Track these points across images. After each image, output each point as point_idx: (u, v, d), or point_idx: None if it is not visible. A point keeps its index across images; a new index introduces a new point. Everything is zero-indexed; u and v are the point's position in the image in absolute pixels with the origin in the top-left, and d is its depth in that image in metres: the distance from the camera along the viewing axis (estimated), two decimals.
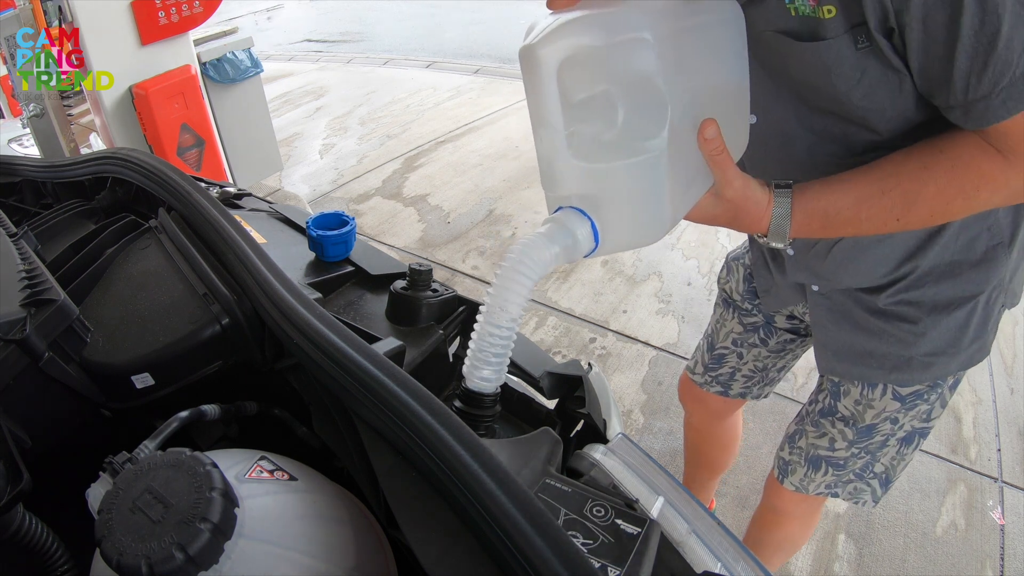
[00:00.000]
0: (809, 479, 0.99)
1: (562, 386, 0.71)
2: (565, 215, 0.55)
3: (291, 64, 5.37)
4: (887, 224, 0.63)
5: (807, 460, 0.99)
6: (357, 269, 0.86)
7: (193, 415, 0.57)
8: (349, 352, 0.51)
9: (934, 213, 0.62)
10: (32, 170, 1.02)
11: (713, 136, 0.56)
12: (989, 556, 1.50)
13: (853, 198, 0.62)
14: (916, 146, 0.61)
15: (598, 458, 0.60)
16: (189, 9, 2.08)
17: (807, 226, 0.64)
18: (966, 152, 0.58)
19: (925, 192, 0.60)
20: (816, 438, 0.96)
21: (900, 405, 0.86)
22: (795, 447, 1.00)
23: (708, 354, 1.15)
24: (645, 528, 0.45)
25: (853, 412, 0.90)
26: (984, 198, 0.60)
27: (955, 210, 0.62)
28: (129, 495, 0.39)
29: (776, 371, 1.13)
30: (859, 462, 0.95)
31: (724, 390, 1.17)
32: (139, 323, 0.66)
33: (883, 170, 0.61)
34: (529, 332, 2.19)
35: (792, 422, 1.03)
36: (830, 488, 1.00)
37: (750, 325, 1.07)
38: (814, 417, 0.96)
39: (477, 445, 0.43)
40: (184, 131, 2.19)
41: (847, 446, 0.93)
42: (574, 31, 0.51)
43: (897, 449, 0.92)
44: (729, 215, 0.63)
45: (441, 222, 2.83)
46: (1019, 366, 2.06)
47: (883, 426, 0.89)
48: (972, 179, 0.58)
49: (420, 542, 0.41)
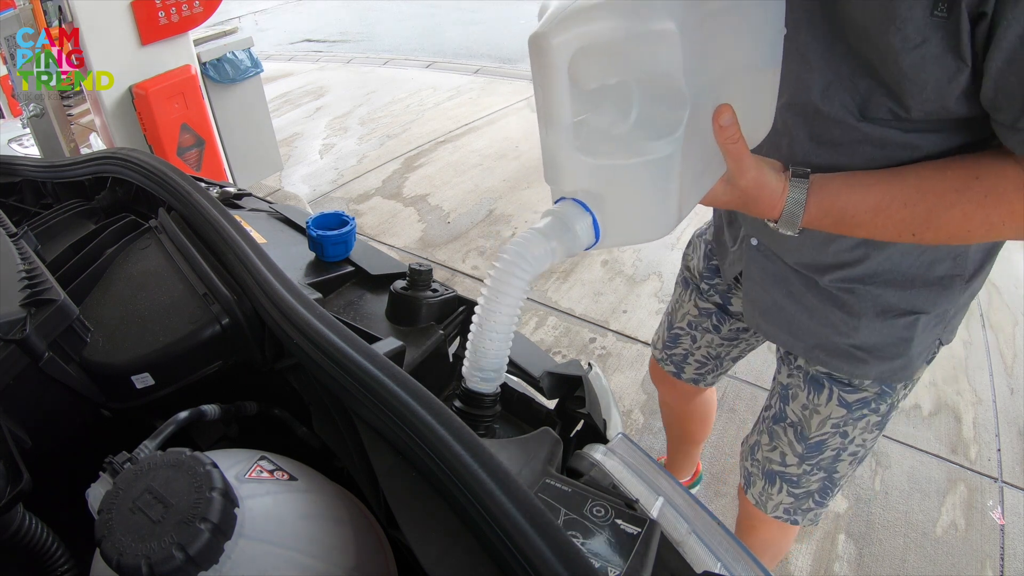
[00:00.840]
0: (767, 495, 0.98)
1: (562, 386, 0.71)
2: (564, 208, 0.52)
3: (291, 64, 5.37)
4: (901, 235, 0.61)
5: (764, 474, 0.97)
6: (357, 269, 0.86)
7: (193, 415, 0.57)
8: (349, 352, 0.51)
9: (952, 235, 0.60)
10: (32, 170, 1.02)
11: (728, 123, 0.53)
12: (989, 556, 1.50)
13: (873, 204, 0.60)
14: (950, 166, 0.58)
15: (598, 458, 0.60)
16: (189, 9, 2.08)
17: (819, 220, 0.62)
18: (1002, 185, 0.55)
19: (950, 215, 0.57)
20: (769, 451, 0.95)
21: (847, 412, 0.85)
22: (754, 459, 0.99)
23: (667, 332, 1.16)
24: (645, 528, 0.45)
25: (800, 417, 0.89)
26: (1005, 232, 0.58)
27: (973, 237, 0.60)
28: (129, 495, 0.39)
29: (730, 360, 1.13)
30: (814, 482, 0.92)
31: (677, 371, 1.17)
32: (139, 323, 0.66)
33: (909, 183, 0.59)
34: (529, 332, 2.19)
35: (752, 430, 1.02)
36: (789, 514, 0.97)
37: (704, 310, 1.06)
38: (768, 424, 0.95)
39: (477, 445, 0.43)
40: (184, 131, 2.19)
41: (798, 462, 0.91)
42: (591, 18, 0.46)
43: (849, 464, 0.90)
44: (740, 202, 0.61)
45: (441, 222, 2.83)
46: (1019, 366, 2.06)
47: (832, 440, 0.87)
48: (1002, 213, 0.56)
49: (420, 542, 0.41)
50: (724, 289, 1.02)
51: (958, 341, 2.15)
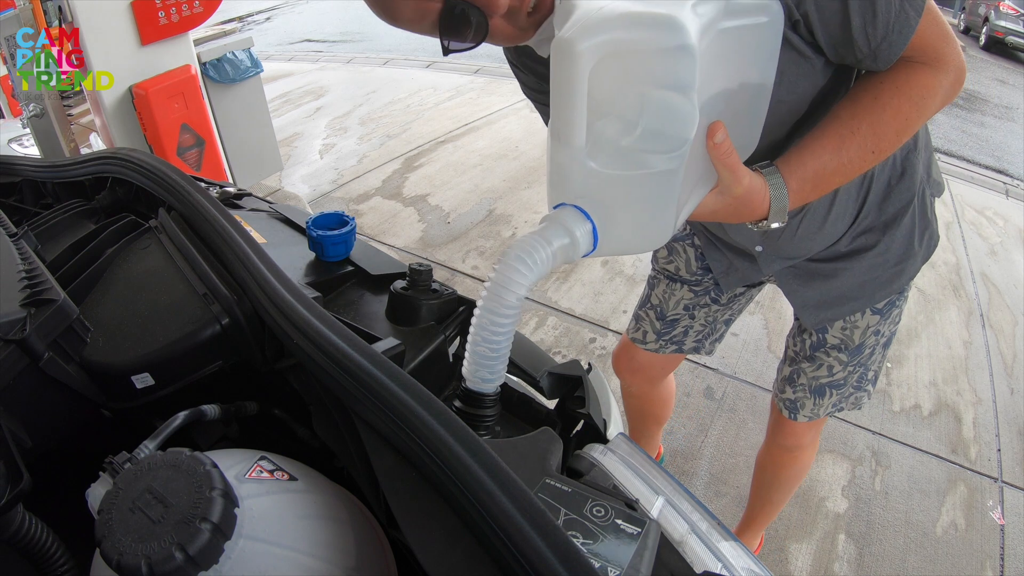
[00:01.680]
0: (818, 406, 1.08)
1: (562, 386, 0.71)
2: (564, 214, 0.53)
3: (291, 64, 5.37)
4: (865, 159, 0.68)
5: (812, 392, 1.06)
6: (357, 269, 0.86)
7: (193, 415, 0.57)
8: (349, 352, 0.51)
9: (899, 131, 0.68)
10: (32, 170, 1.02)
11: (722, 140, 0.56)
12: (989, 556, 1.51)
13: (832, 149, 0.66)
14: (856, 87, 0.68)
15: (598, 458, 0.60)
16: (189, 9, 2.08)
17: (803, 193, 0.67)
18: (901, 74, 0.66)
19: (885, 117, 0.66)
20: (815, 371, 1.04)
21: (880, 318, 0.96)
22: (797, 385, 1.08)
23: (660, 323, 1.20)
24: (645, 528, 0.45)
25: (842, 338, 0.99)
26: (931, 103, 0.67)
27: (913, 123, 0.68)
28: (129, 495, 0.39)
29: (723, 323, 1.21)
30: (855, 376, 1.04)
31: (679, 348, 1.23)
32: (139, 323, 0.66)
33: (841, 117, 0.67)
34: (529, 332, 2.19)
35: (783, 364, 1.11)
36: (836, 406, 1.08)
37: (701, 291, 1.13)
38: (807, 353, 1.04)
39: (477, 445, 0.43)
40: (184, 131, 2.19)
41: (843, 367, 1.02)
42: (619, 27, 0.46)
43: (882, 354, 1.03)
44: (731, 210, 0.64)
45: (441, 222, 2.83)
46: (1019, 366, 2.06)
47: (870, 340, 0.99)
48: (917, 91, 0.66)
49: (420, 542, 0.41)
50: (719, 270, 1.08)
51: (958, 341, 2.15)
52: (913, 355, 2.10)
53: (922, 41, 0.63)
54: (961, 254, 2.62)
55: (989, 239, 2.74)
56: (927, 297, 2.35)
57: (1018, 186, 3.25)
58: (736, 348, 2.09)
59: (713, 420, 1.85)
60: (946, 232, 2.75)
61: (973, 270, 2.51)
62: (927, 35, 0.63)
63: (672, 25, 0.46)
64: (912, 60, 0.65)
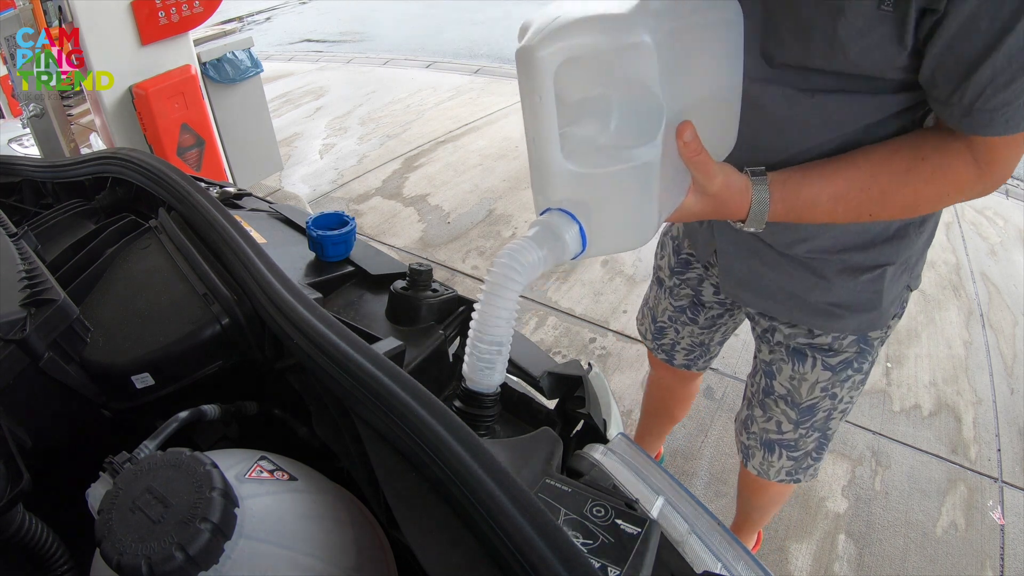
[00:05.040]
0: (768, 463, 1.04)
1: (562, 386, 0.71)
2: (553, 218, 0.54)
3: (291, 64, 5.37)
4: (860, 217, 0.66)
5: (762, 444, 1.03)
6: (357, 269, 0.86)
7: (193, 415, 0.57)
8: (349, 352, 0.51)
9: (905, 210, 0.66)
10: (32, 170, 1.02)
11: (691, 139, 0.56)
12: (989, 556, 1.51)
13: (831, 193, 0.64)
14: (898, 149, 0.63)
15: (598, 458, 0.60)
16: (189, 9, 2.08)
17: (784, 214, 0.66)
18: (946, 161, 0.61)
19: (902, 192, 0.63)
20: (764, 422, 1.01)
21: (832, 375, 0.90)
22: (750, 432, 1.04)
23: (653, 324, 1.20)
24: (645, 528, 0.45)
25: (789, 388, 0.94)
26: (953, 199, 0.64)
27: (923, 209, 0.66)
28: (129, 495, 0.39)
29: (716, 344, 1.18)
30: (811, 442, 0.99)
31: (668, 359, 1.22)
32: (139, 323, 0.66)
33: (862, 170, 0.63)
34: (529, 332, 2.19)
35: (742, 406, 1.07)
36: (791, 475, 1.04)
37: (679, 306, 1.11)
38: (759, 398, 1.00)
39: (477, 445, 0.43)
40: (184, 131, 2.19)
41: (793, 427, 0.97)
42: (575, 32, 0.49)
43: (840, 421, 0.97)
44: (711, 208, 0.65)
45: (441, 222, 2.83)
46: (1019, 366, 2.06)
47: (823, 402, 0.93)
48: (948, 186, 0.62)
49: (420, 542, 0.41)
50: (695, 282, 1.06)
51: (958, 341, 2.15)
52: (913, 355, 2.10)
53: (1002, 146, 0.58)
54: (961, 254, 2.61)
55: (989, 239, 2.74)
56: (927, 297, 2.35)
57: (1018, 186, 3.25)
58: (736, 348, 2.09)
59: (713, 420, 1.85)
60: (946, 232, 2.75)
61: (973, 270, 2.51)
62: (1010, 145, 0.57)
63: (627, 24, 0.49)
64: (970, 149, 0.60)
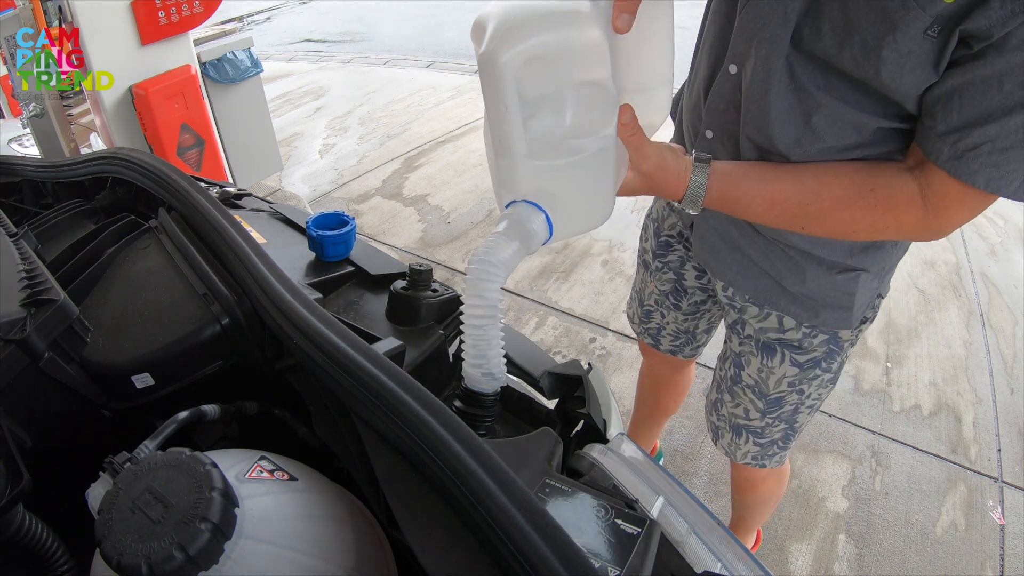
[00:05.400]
0: (735, 445, 1.05)
1: (562, 386, 0.71)
2: (519, 210, 0.56)
3: (291, 64, 5.37)
4: (791, 227, 0.67)
5: (731, 427, 1.04)
6: (357, 269, 0.86)
7: (193, 415, 0.57)
8: (349, 352, 0.51)
9: (837, 233, 0.66)
10: (32, 170, 1.02)
11: (628, 121, 0.58)
12: (989, 556, 1.51)
13: (768, 198, 0.65)
14: (848, 172, 0.63)
15: (598, 458, 0.60)
16: (189, 9, 2.08)
17: (719, 204, 0.68)
18: (894, 198, 0.61)
19: (840, 217, 0.63)
20: (733, 407, 1.02)
21: (799, 371, 0.90)
22: (720, 414, 1.06)
23: (640, 308, 1.20)
24: (645, 528, 0.45)
25: (757, 380, 0.95)
26: (887, 235, 0.65)
27: (857, 236, 0.67)
28: (129, 495, 0.39)
29: (702, 332, 1.18)
30: (777, 432, 1.00)
31: (655, 343, 1.22)
32: (139, 323, 0.66)
33: (807, 185, 0.64)
34: (529, 332, 2.19)
35: (711, 387, 1.09)
36: (757, 460, 1.05)
37: (663, 290, 1.12)
38: (727, 385, 1.01)
39: (477, 445, 0.43)
40: (184, 131, 2.19)
41: (760, 416, 0.98)
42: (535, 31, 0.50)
43: (808, 415, 0.97)
44: (646, 186, 0.66)
45: (441, 222, 2.83)
46: (1019, 366, 2.06)
47: (790, 396, 0.93)
48: (887, 221, 0.62)
49: (420, 542, 0.41)
50: (676, 264, 1.06)
51: (958, 341, 2.15)
52: (913, 355, 2.10)
53: (957, 199, 0.57)
54: (961, 254, 2.61)
55: (989, 239, 2.74)
56: (927, 297, 2.35)
57: None
58: None
59: None
60: None
61: (973, 270, 2.51)
62: (965, 200, 0.57)
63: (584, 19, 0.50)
64: (921, 193, 0.59)
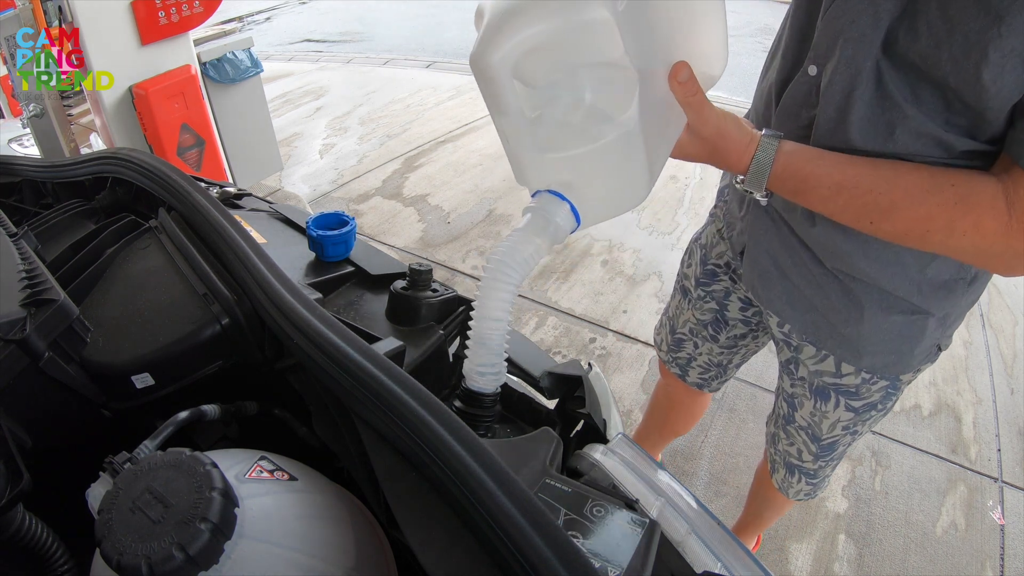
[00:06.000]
0: (788, 483, 1.05)
1: (562, 386, 0.71)
2: (542, 202, 0.54)
3: (291, 64, 5.37)
4: (859, 220, 0.61)
5: (785, 465, 1.04)
6: (357, 269, 0.86)
7: (193, 415, 0.57)
8: (349, 352, 0.51)
9: (908, 234, 0.59)
10: (32, 170, 1.02)
11: (686, 79, 0.53)
12: (989, 556, 1.51)
13: (838, 180, 0.60)
14: (928, 166, 0.58)
15: (598, 458, 0.60)
16: (189, 9, 2.08)
17: (783, 183, 0.63)
18: (975, 197, 0.55)
19: (914, 212, 0.57)
20: (787, 446, 1.00)
21: (854, 415, 0.87)
22: (776, 449, 1.05)
23: (671, 335, 1.17)
24: (645, 528, 0.45)
25: (810, 423, 0.93)
26: (963, 245, 0.57)
27: (930, 241, 0.59)
28: (129, 495, 0.39)
29: (733, 367, 1.15)
30: (828, 470, 1.00)
31: (682, 374, 1.19)
32: (139, 323, 0.65)
33: (881, 172, 0.59)
34: (529, 332, 2.19)
35: (770, 420, 1.07)
36: (809, 496, 1.06)
37: (701, 320, 1.07)
38: (781, 423, 1.00)
39: (477, 445, 0.43)
40: (184, 131, 2.19)
41: (813, 459, 0.97)
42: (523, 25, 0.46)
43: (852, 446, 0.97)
44: (706, 152, 0.62)
45: (441, 222, 2.83)
46: (1019, 366, 2.06)
47: (844, 439, 0.92)
48: (965, 223, 0.56)
49: (420, 542, 0.41)
50: (721, 295, 1.02)
51: (958, 340, 2.15)
52: None
53: None
54: None
55: None
56: None
57: None
58: None
59: (713, 420, 1.85)
60: None
61: None
62: None
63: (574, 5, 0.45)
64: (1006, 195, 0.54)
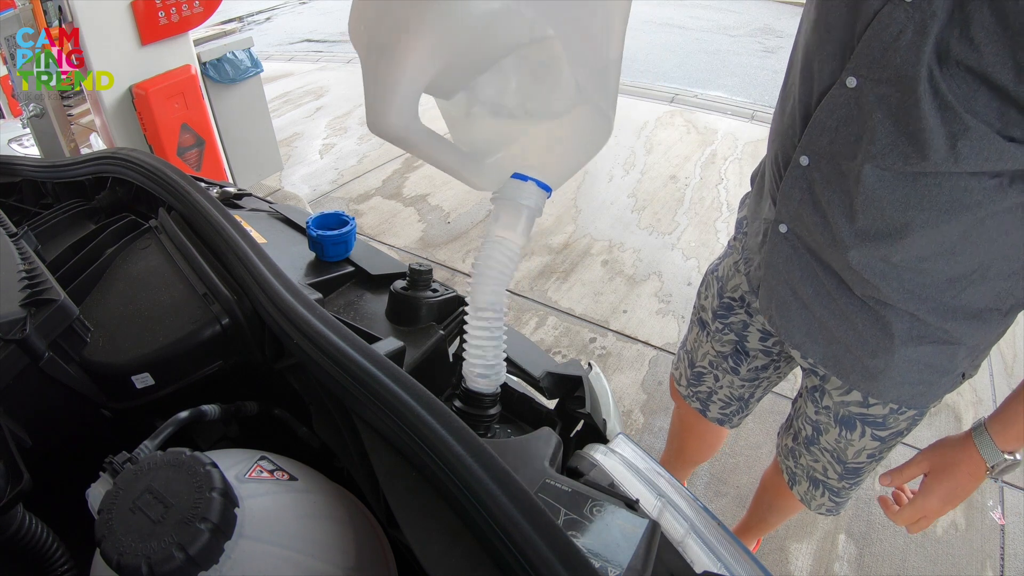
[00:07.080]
0: (811, 496, 1.03)
1: (562, 386, 0.71)
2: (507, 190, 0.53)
3: (291, 64, 5.36)
4: None
5: (808, 479, 1.02)
6: (357, 269, 0.86)
7: (193, 415, 0.57)
8: (349, 352, 0.51)
9: None
10: (32, 170, 1.02)
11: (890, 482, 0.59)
12: (989, 556, 1.50)
13: None
14: None
15: (598, 458, 0.60)
16: (189, 9, 2.08)
17: None
18: None
19: None
20: (812, 462, 0.99)
21: (880, 444, 0.88)
22: (798, 463, 1.02)
23: (690, 370, 1.14)
24: (645, 528, 0.45)
25: (835, 448, 0.93)
26: None
27: None
28: (129, 495, 0.39)
29: (755, 401, 1.13)
30: (852, 492, 1.00)
31: (703, 409, 1.16)
32: (139, 323, 0.66)
33: None
34: (529, 332, 2.19)
35: (786, 433, 1.05)
36: (831, 512, 1.04)
37: (721, 352, 1.05)
38: (805, 443, 0.98)
39: (477, 445, 0.43)
40: (184, 131, 2.19)
41: (838, 478, 0.97)
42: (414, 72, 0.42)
43: None
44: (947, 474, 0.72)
45: (441, 222, 2.83)
46: (1019, 366, 2.06)
47: (869, 465, 0.93)
48: None
49: (420, 542, 0.41)
50: (739, 327, 1.00)
51: None
52: None
53: None
54: None
55: None
56: None
57: None
58: None
59: None
60: None
61: None
62: None
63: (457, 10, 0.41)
64: None
